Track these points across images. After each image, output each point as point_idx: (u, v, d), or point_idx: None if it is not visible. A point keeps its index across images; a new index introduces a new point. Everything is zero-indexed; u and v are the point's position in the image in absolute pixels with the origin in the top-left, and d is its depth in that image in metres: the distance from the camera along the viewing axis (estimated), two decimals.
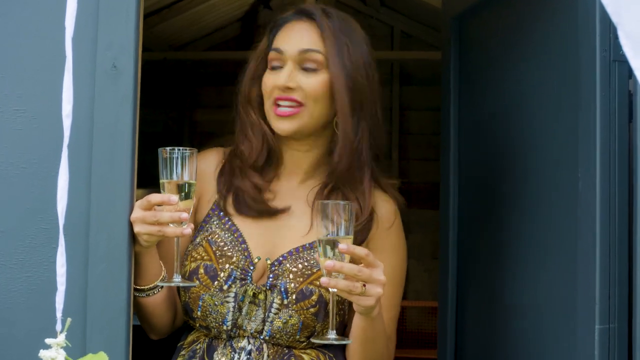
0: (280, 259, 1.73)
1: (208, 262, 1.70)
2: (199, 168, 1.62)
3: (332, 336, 1.55)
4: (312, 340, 1.67)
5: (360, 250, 1.50)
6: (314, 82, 1.71)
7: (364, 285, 1.50)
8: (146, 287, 1.65)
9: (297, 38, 1.74)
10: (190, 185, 1.55)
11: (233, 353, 1.70)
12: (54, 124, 1.50)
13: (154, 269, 1.66)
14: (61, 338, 1.13)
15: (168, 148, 1.54)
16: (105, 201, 1.52)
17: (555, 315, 1.67)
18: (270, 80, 1.73)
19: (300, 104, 1.70)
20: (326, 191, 1.76)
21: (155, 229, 1.52)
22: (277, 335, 1.69)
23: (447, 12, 2.39)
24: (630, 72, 1.53)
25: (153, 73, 5.62)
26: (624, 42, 0.92)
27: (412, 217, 5.57)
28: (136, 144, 1.55)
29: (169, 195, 1.53)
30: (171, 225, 1.53)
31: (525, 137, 1.89)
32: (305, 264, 1.71)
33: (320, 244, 1.50)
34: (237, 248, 1.72)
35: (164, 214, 1.52)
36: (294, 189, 1.80)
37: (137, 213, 1.53)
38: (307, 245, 1.74)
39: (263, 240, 1.75)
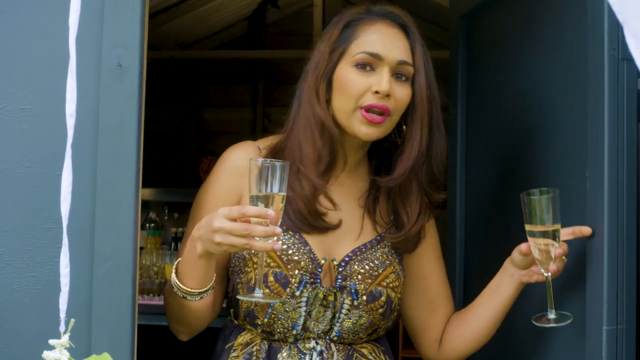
0: (347, 259, 1.72)
1: (277, 269, 1.66)
2: (235, 163, 1.66)
3: (552, 316, 1.57)
4: (534, 322, 1.63)
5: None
6: (405, 94, 1.69)
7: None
8: (201, 290, 1.60)
9: (394, 46, 1.69)
10: (281, 198, 1.50)
11: (301, 355, 1.69)
12: (59, 123, 1.49)
13: (210, 272, 1.60)
14: (65, 339, 1.13)
15: (260, 160, 1.49)
16: (110, 200, 1.51)
17: None
18: (364, 82, 1.66)
19: (388, 113, 1.67)
20: (376, 196, 1.79)
21: (242, 242, 1.46)
22: (345, 335, 1.71)
23: (455, 10, 2.38)
24: (639, 71, 1.52)
25: (161, 71, 5.63)
26: (630, 41, 0.91)
27: None
28: (141, 143, 1.54)
29: (266, 209, 1.46)
30: (257, 238, 1.47)
31: (533, 137, 1.88)
32: (372, 264, 1.72)
33: (542, 236, 1.55)
34: (302, 251, 1.68)
35: (257, 228, 1.46)
36: (339, 185, 1.77)
37: (223, 223, 1.47)
38: (368, 244, 1.75)
39: (321, 238, 1.71)
